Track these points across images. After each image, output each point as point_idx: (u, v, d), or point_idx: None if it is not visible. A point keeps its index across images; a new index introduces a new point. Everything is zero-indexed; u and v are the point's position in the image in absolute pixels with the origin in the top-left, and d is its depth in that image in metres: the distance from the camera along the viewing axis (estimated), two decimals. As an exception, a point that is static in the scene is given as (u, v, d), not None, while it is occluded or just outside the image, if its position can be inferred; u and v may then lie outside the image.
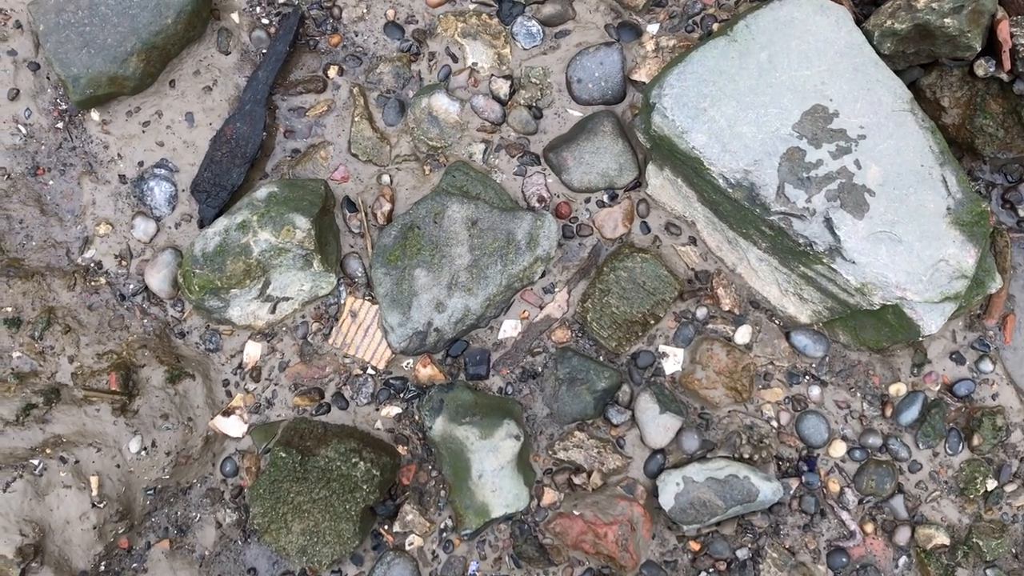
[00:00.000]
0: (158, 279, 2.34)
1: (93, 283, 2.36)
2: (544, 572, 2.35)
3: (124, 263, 2.38)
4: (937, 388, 2.39)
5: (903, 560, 2.36)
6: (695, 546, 2.34)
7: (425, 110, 2.39)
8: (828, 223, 2.06)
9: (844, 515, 2.36)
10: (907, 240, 2.06)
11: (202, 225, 2.37)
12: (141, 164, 2.40)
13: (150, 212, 2.39)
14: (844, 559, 2.34)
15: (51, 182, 2.39)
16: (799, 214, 2.07)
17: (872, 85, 2.13)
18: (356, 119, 2.40)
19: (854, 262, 2.05)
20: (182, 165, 2.40)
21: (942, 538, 2.33)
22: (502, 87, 2.40)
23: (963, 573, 2.34)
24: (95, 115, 2.39)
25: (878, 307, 2.10)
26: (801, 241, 2.08)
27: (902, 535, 2.35)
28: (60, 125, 2.39)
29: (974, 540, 2.35)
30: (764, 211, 2.09)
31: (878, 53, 2.17)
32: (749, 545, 2.34)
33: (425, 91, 2.40)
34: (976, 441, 2.36)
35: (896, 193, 2.08)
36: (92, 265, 2.38)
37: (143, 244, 2.39)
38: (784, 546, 2.36)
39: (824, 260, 2.08)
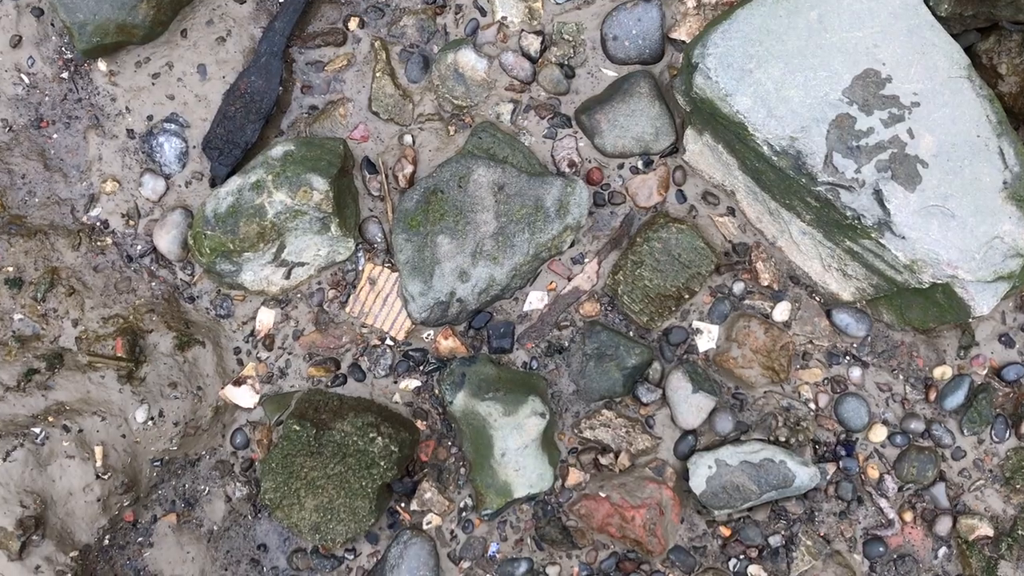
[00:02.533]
0: (167, 240, 2.34)
1: (99, 243, 2.36)
2: (567, 555, 2.36)
3: (131, 223, 2.37)
4: (984, 372, 2.38)
5: (943, 551, 2.36)
6: (726, 532, 2.35)
7: (451, 66, 2.37)
8: (878, 195, 2.04)
9: (883, 503, 2.35)
10: (960, 215, 2.04)
11: (214, 184, 2.36)
12: (150, 118, 2.38)
13: (159, 169, 2.38)
14: (881, 548, 2.34)
15: (55, 135, 2.38)
16: (847, 185, 2.05)
17: (927, 49, 2.10)
18: (377, 75, 2.38)
19: (904, 237, 2.04)
20: (193, 120, 2.38)
21: (985, 529, 2.33)
22: (533, 43, 2.37)
23: (1006, 566, 2.33)
24: (102, 65, 2.37)
25: (927, 285, 2.09)
26: (848, 214, 2.06)
27: (943, 525, 2.34)
28: (65, 75, 2.37)
29: (1019, 532, 2.34)
30: (810, 181, 2.07)
31: (934, 15, 2.14)
32: (782, 532, 2.34)
33: (451, 46, 2.38)
34: (1024, 428, 2.35)
35: (950, 165, 2.06)
36: (98, 224, 2.37)
37: (152, 203, 2.38)
38: (819, 533, 2.35)
39: (872, 234, 2.06)
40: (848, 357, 2.38)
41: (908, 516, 2.36)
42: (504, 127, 2.39)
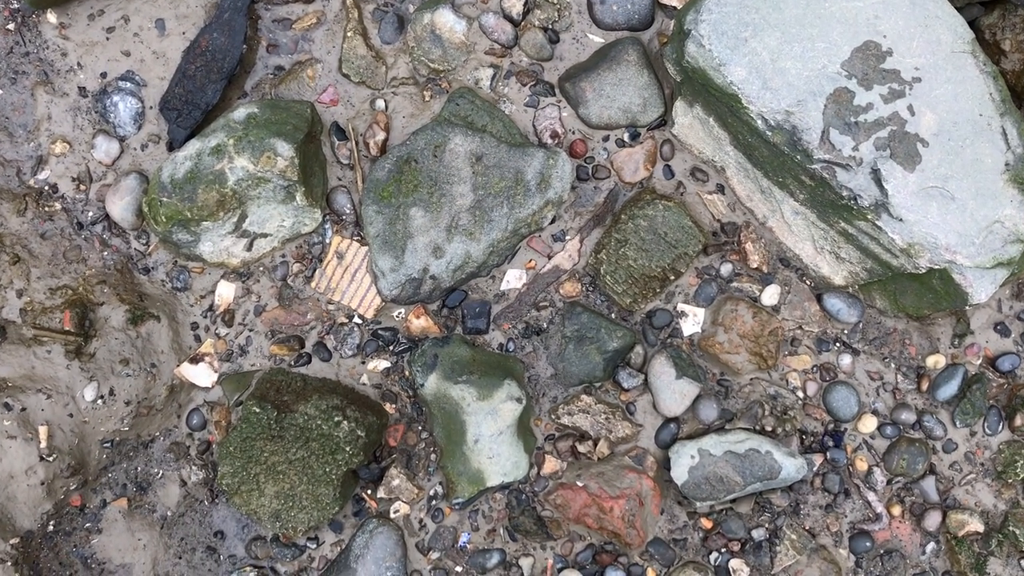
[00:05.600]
0: (120, 207, 2.31)
1: (47, 208, 2.34)
2: (542, 547, 2.36)
3: (83, 187, 2.35)
4: (979, 362, 2.39)
5: (931, 547, 2.37)
6: (707, 524, 2.35)
7: (427, 27, 2.35)
8: (875, 175, 2.04)
9: (870, 496, 2.37)
10: (960, 198, 2.05)
11: (171, 148, 2.35)
12: (104, 76, 2.36)
13: (113, 131, 2.36)
14: (868, 543, 2.35)
15: (0, 92, 2.34)
16: (844, 163, 2.05)
17: (930, 22, 2.10)
18: (348, 34, 2.36)
19: (901, 219, 2.04)
20: (150, 79, 2.36)
21: (975, 524, 2.34)
22: (515, 5, 2.36)
23: (996, 563, 2.35)
24: (51, 17, 2.34)
25: (924, 271, 2.10)
26: (844, 194, 2.06)
27: (932, 520, 2.36)
28: (11, 27, 2.34)
29: (1010, 528, 2.35)
30: (805, 158, 2.07)
31: (938, -14, 2.14)
32: (766, 525, 2.35)
33: (428, 5, 2.36)
34: (1018, 421, 2.36)
35: (951, 144, 2.06)
36: (46, 188, 2.35)
37: (104, 167, 2.36)
38: (804, 527, 2.37)
39: (868, 216, 2.06)
40: (838, 344, 2.38)
41: (896, 510, 2.37)
42: (483, 94, 2.37)
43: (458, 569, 2.34)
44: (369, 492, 2.34)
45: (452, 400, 2.23)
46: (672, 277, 2.34)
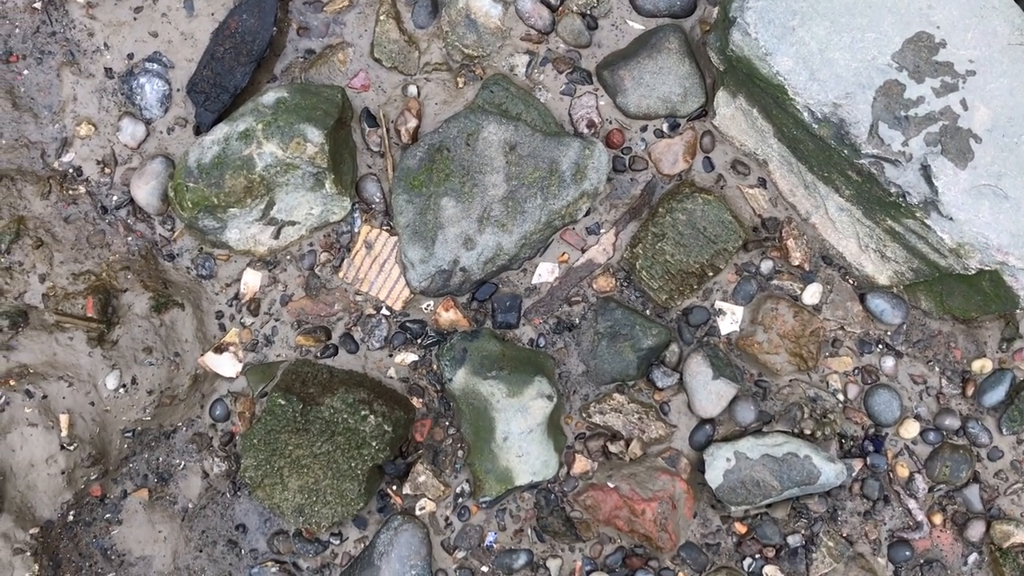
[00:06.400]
0: (146, 191, 2.31)
1: (71, 192, 2.35)
2: (570, 548, 2.35)
3: (107, 170, 2.36)
4: (1028, 367, 2.37)
5: (973, 557, 2.35)
6: (741, 528, 2.34)
7: (462, 12, 2.34)
8: (925, 171, 2.02)
9: (911, 503, 2.34)
10: (1014, 196, 2.02)
11: (198, 131, 2.36)
12: (131, 57, 2.37)
13: (139, 113, 2.36)
14: (907, 552, 2.33)
15: (26, 71, 2.35)
16: (893, 159, 2.02)
17: (986, 12, 2.07)
18: (381, 18, 2.35)
19: (951, 218, 2.01)
20: (178, 61, 2.36)
21: (1021, 536, 2.31)
22: None
23: (1041, 576, 2.33)
24: None
25: (973, 272, 2.07)
26: (893, 190, 2.05)
27: (975, 530, 2.33)
28: (38, 5, 2.35)
29: (1057, 540, 2.32)
30: (853, 153, 2.05)
31: (995, -25, 2.11)
32: (802, 531, 2.34)
33: None
34: (1068, 429, 2.33)
35: (1005, 141, 2.03)
36: (70, 171, 2.35)
37: (130, 150, 2.36)
38: (841, 534, 2.35)
39: (917, 214, 2.04)
40: (881, 345, 2.36)
41: (938, 519, 2.35)
42: (518, 81, 2.36)
43: (484, 569, 2.34)
44: (394, 488, 2.34)
45: (481, 396, 2.23)
46: (710, 273, 2.32)
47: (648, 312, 2.35)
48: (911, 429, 2.34)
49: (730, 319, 2.35)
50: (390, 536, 2.28)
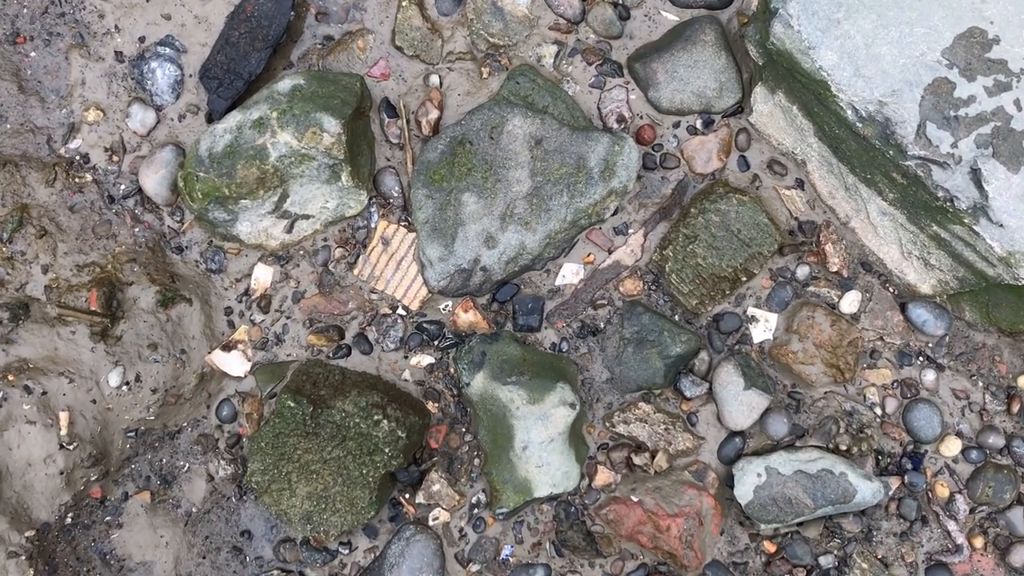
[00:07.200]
0: (154, 181, 2.32)
1: (77, 180, 2.35)
2: (590, 564, 2.33)
3: (115, 158, 2.36)
4: (1077, 384, 2.35)
5: None
6: (770, 547, 2.31)
7: None
8: (975, 175, 2.00)
9: (951, 525, 2.31)
10: None
11: (211, 119, 2.36)
12: (142, 40, 2.37)
13: (150, 99, 2.38)
14: None
15: (33, 53, 2.36)
16: (941, 161, 2.01)
17: None
18: (403, 4, 2.36)
19: (1002, 225, 2.00)
20: (191, 45, 2.37)
21: None
22: None
23: (1088, 605, 2.30)
24: None
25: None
26: (940, 195, 2.03)
27: (1019, 555, 2.30)
28: None
29: (1106, 568, 2.30)
30: (898, 154, 2.04)
31: (1053, -32, 2.10)
32: (835, 552, 2.31)
33: None
34: (1119, 451, 2.30)
35: None
36: (77, 158, 2.36)
37: (139, 137, 2.37)
38: (876, 555, 2.32)
39: (965, 220, 2.03)
40: (922, 358, 2.34)
41: (979, 542, 2.31)
42: (545, 72, 2.36)
43: (499, 583, 2.34)
44: (407, 497, 2.33)
45: (500, 402, 2.21)
46: (744, 278, 2.30)
47: (677, 318, 2.33)
48: (952, 447, 2.31)
49: (763, 327, 2.32)
50: (401, 547, 2.28)
